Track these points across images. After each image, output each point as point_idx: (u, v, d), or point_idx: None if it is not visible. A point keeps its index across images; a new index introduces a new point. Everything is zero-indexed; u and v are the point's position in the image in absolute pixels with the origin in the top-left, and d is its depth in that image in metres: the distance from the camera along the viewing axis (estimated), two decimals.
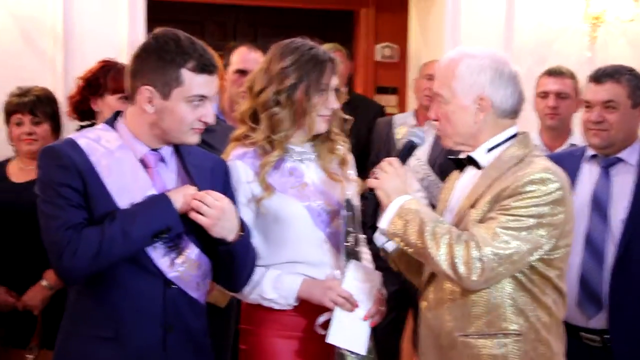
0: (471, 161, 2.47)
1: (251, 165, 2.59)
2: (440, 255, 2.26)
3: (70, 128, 3.50)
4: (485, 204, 2.34)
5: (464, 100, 2.41)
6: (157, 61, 2.27)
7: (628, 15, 4.87)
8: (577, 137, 3.90)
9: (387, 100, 6.75)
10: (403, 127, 4.48)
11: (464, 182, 2.50)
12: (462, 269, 2.24)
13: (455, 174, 2.60)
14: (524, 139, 2.46)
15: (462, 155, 2.51)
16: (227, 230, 2.33)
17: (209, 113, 2.33)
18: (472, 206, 2.37)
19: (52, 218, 2.22)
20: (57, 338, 2.39)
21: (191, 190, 2.32)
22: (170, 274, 2.31)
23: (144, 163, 2.34)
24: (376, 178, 2.42)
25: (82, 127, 3.31)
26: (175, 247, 2.32)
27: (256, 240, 2.59)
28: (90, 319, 2.31)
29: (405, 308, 4.49)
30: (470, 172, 2.49)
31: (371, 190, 2.44)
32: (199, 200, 2.27)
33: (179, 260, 2.31)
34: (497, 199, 2.32)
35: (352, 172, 2.77)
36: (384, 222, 2.37)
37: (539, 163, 2.37)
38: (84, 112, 3.31)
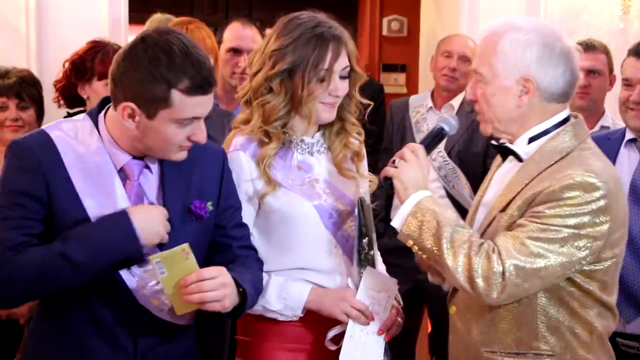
0: (511, 152, 2.37)
1: (255, 154, 2.49)
2: (457, 266, 2.17)
3: (52, 114, 3.44)
4: (516, 208, 2.24)
5: (506, 81, 2.29)
6: (144, 76, 2.09)
7: None
8: (608, 119, 3.85)
9: (395, 79, 6.70)
10: (419, 110, 4.40)
11: (501, 174, 2.42)
12: (481, 284, 2.14)
13: (498, 160, 2.49)
14: (575, 127, 2.33)
15: (502, 141, 2.42)
16: (234, 296, 2.21)
17: (200, 132, 2.18)
18: (506, 208, 2.26)
19: None
20: (21, 357, 2.33)
21: (158, 214, 2.19)
22: (147, 303, 2.20)
23: (124, 173, 2.21)
24: (395, 166, 2.33)
25: (70, 114, 3.25)
26: (149, 271, 2.20)
27: (258, 242, 2.51)
28: (53, 342, 2.22)
29: (419, 309, 4.43)
30: (509, 164, 2.39)
31: (387, 178, 2.34)
32: (199, 291, 2.12)
33: (156, 287, 2.19)
34: (530, 203, 2.21)
35: (365, 167, 2.69)
36: (397, 221, 2.29)
37: (584, 162, 2.23)
38: (72, 98, 3.25)
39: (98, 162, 2.18)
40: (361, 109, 2.64)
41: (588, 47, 3.82)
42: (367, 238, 2.52)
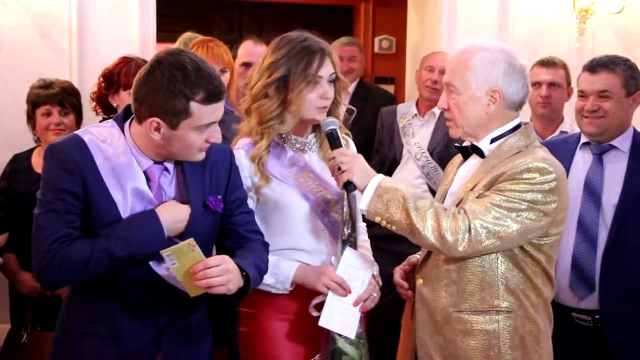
0: (475, 150, 2.42)
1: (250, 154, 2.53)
2: (427, 228, 2.21)
3: (89, 120, 3.41)
4: (482, 186, 2.30)
5: (477, 92, 2.35)
6: (165, 94, 2.08)
7: (616, 7, 4.81)
8: (566, 125, 3.85)
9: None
10: (405, 117, 4.41)
11: (466, 169, 2.46)
12: (450, 238, 2.20)
13: (457, 160, 2.56)
14: (526, 131, 2.41)
15: (466, 144, 2.47)
16: (238, 280, 2.20)
17: (216, 133, 2.20)
18: (471, 190, 2.33)
19: (43, 227, 2.10)
20: (55, 331, 2.31)
21: (183, 212, 2.21)
22: (161, 272, 2.18)
23: (146, 175, 2.21)
24: (343, 171, 2.34)
25: (105, 119, 3.24)
26: None
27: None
28: (85, 317, 2.22)
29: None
30: (472, 160, 2.45)
31: (346, 183, 2.35)
32: (205, 278, 2.11)
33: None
34: (494, 182, 2.28)
35: None
36: (363, 203, 2.31)
37: (538, 153, 2.32)
38: (107, 106, 3.24)
39: (125, 162, 2.17)
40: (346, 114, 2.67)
41: (549, 63, 3.84)
42: (350, 222, 2.54)
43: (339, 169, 2.36)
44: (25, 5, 4.12)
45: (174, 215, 2.19)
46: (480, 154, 2.40)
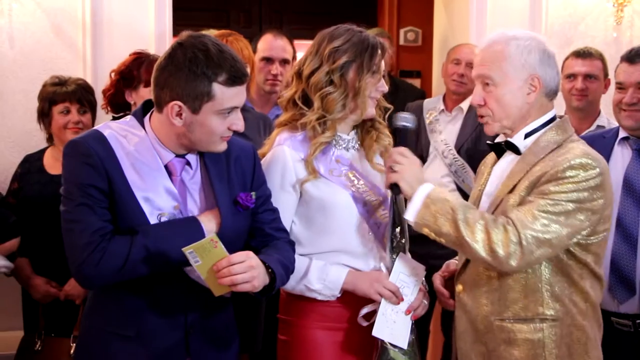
0: (509, 146, 2.40)
1: (298, 148, 2.49)
2: (477, 241, 2.20)
3: (101, 119, 3.44)
4: (523, 189, 2.27)
5: (517, 81, 2.34)
6: (187, 75, 2.10)
7: None
8: (604, 119, 3.81)
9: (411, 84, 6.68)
10: (432, 112, 4.38)
11: (501, 167, 2.43)
12: (501, 253, 2.18)
13: (490, 158, 2.53)
14: (563, 124, 2.39)
15: (498, 140, 2.45)
16: (263, 277, 2.19)
17: (238, 121, 2.20)
18: (511, 191, 2.30)
19: (78, 221, 2.10)
20: (80, 331, 2.32)
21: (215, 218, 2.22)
22: (194, 275, 2.18)
23: (168, 170, 2.21)
24: (394, 171, 2.34)
25: (115, 118, 3.23)
26: None
27: (299, 228, 2.51)
28: (111, 317, 2.22)
29: (433, 291, 4.38)
30: (508, 157, 2.43)
31: (393, 185, 2.36)
32: (229, 275, 2.10)
33: None
34: (536, 184, 2.25)
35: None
36: (410, 214, 2.30)
37: (578, 148, 2.30)
38: (119, 104, 3.24)
39: (146, 157, 2.18)
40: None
41: (585, 54, 3.79)
42: (399, 227, 2.50)
43: (392, 168, 2.35)
44: (38, 1, 4.12)
45: (211, 220, 2.21)
46: (516, 150, 2.39)
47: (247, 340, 3.03)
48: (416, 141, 4.34)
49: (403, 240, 2.53)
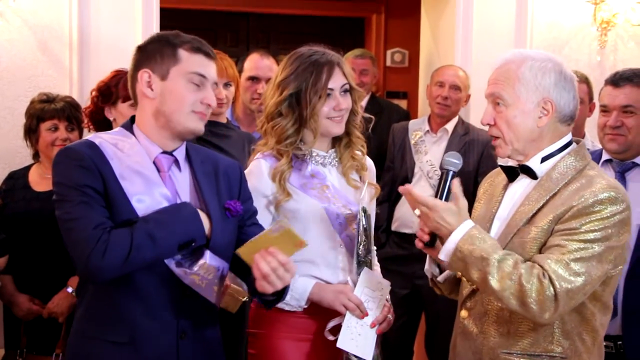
0: (525, 170, 2.30)
1: (272, 167, 2.57)
2: (509, 293, 2.11)
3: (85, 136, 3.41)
4: (547, 222, 2.18)
5: (528, 104, 2.23)
6: (154, 46, 2.25)
7: (638, 19, 4.77)
8: (588, 142, 3.82)
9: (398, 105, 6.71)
10: (418, 133, 4.40)
11: (515, 192, 2.33)
12: (534, 307, 2.09)
13: (499, 180, 2.43)
14: (580, 150, 2.29)
15: (510, 163, 2.35)
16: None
17: (210, 95, 2.26)
18: (530, 221, 2.21)
19: (78, 218, 2.10)
20: (69, 340, 2.30)
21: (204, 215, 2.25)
22: (186, 279, 2.20)
23: (156, 166, 2.25)
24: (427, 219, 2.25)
25: None
26: (190, 256, 2.22)
27: None
28: (105, 323, 2.21)
29: (417, 311, 4.41)
30: (522, 181, 2.33)
31: (431, 235, 2.27)
32: (273, 269, 2.11)
33: (194, 267, 2.21)
34: (562, 218, 2.16)
35: (371, 177, 2.73)
36: (443, 255, 2.20)
37: (603, 179, 2.20)
38: (100, 122, 3.24)
39: (138, 160, 2.21)
40: (364, 123, 2.70)
41: None
42: (365, 243, 2.55)
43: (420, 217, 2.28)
44: (24, 18, 4.12)
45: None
46: (532, 174, 2.29)
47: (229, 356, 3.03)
48: (401, 162, 4.36)
49: (369, 256, 2.57)
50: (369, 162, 2.74)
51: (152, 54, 2.24)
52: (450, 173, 2.30)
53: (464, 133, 4.32)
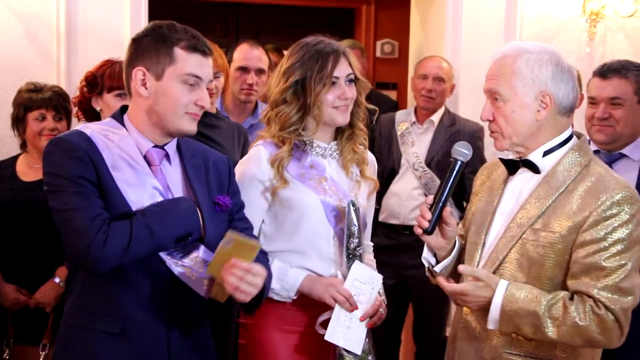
0: (526, 164, 2.28)
1: (271, 155, 2.57)
2: (570, 337, 2.11)
3: (75, 126, 3.39)
4: (567, 229, 2.16)
5: (526, 98, 2.20)
6: (150, 42, 2.20)
7: (627, 10, 4.77)
8: None
9: (388, 96, 6.71)
10: (404, 124, 4.42)
11: (516, 186, 2.31)
12: (602, 339, 2.11)
13: (498, 173, 2.40)
14: (582, 145, 2.28)
15: (511, 156, 2.32)
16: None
17: (204, 97, 2.24)
18: (541, 221, 2.19)
19: (76, 209, 2.09)
20: (59, 330, 2.30)
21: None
22: (177, 270, 2.20)
23: (147, 160, 2.24)
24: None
25: None
26: (183, 249, 2.22)
27: (269, 227, 2.58)
28: (96, 314, 2.21)
29: (405, 301, 4.42)
30: (523, 175, 2.30)
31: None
32: (239, 277, 2.13)
33: (185, 260, 2.22)
34: (582, 226, 2.14)
35: (372, 172, 2.74)
36: (492, 325, 2.19)
37: (612, 177, 2.20)
38: (88, 111, 3.23)
39: (129, 153, 2.21)
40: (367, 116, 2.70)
41: None
42: (354, 236, 2.54)
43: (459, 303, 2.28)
44: (12, 7, 4.10)
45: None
46: (534, 168, 2.26)
47: (218, 350, 3.03)
48: (388, 153, 4.37)
49: (359, 249, 2.57)
50: (371, 157, 2.75)
51: (147, 50, 2.20)
52: (459, 163, 2.29)
53: (450, 124, 4.33)
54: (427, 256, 2.41)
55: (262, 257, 2.42)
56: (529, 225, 2.20)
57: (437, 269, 2.38)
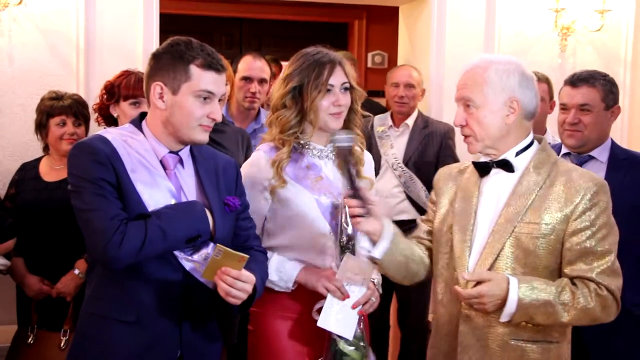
0: (501, 165, 2.30)
1: (273, 153, 2.58)
2: (579, 318, 2.17)
3: (93, 131, 3.41)
4: (557, 220, 2.19)
5: (496, 104, 2.23)
6: (168, 59, 2.20)
7: (595, 25, 4.83)
8: (549, 136, 3.87)
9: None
10: (382, 127, 4.42)
11: (494, 186, 2.31)
12: (603, 316, 2.19)
13: (467, 177, 2.39)
14: (545, 145, 2.33)
15: (483, 159, 2.34)
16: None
17: (216, 110, 2.23)
18: (530, 213, 2.21)
19: (96, 210, 2.10)
20: (79, 319, 2.31)
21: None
22: (188, 266, 2.21)
23: (162, 164, 2.25)
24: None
25: None
26: (193, 247, 2.23)
27: (269, 223, 2.59)
28: (113, 303, 2.21)
29: (389, 289, 4.38)
30: (499, 176, 2.30)
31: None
32: (229, 285, 2.15)
33: (195, 256, 2.22)
34: (571, 217, 2.19)
35: (369, 171, 2.73)
36: (505, 317, 2.19)
37: (580, 171, 2.28)
38: (107, 117, 3.25)
39: (146, 158, 2.21)
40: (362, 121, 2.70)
41: None
42: (346, 232, 2.50)
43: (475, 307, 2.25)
44: (36, 23, 4.10)
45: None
46: (508, 168, 2.28)
47: (224, 333, 3.03)
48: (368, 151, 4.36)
49: (351, 243, 2.52)
50: (368, 157, 2.74)
51: (165, 67, 2.20)
52: (337, 148, 2.42)
53: (423, 126, 4.35)
54: (364, 245, 2.39)
55: (261, 256, 2.45)
56: (519, 219, 2.21)
57: (377, 254, 2.31)
